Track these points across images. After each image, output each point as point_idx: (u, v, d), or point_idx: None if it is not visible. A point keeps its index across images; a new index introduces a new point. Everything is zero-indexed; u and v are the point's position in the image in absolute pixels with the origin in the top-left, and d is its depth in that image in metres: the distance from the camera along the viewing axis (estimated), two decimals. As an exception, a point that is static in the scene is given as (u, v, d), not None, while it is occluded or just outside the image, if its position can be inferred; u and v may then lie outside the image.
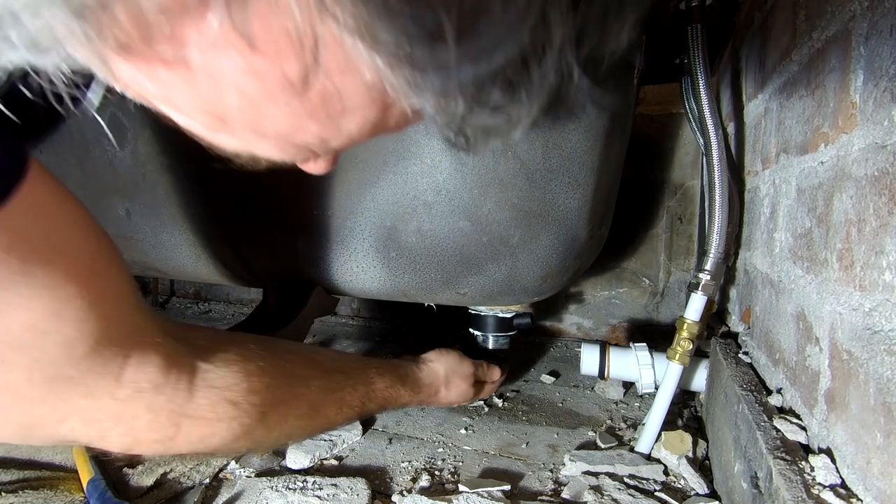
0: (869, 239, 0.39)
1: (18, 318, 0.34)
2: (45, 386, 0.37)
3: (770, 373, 0.61)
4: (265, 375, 0.51)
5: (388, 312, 1.46)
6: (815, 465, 0.43)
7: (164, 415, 0.43)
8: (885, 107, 0.37)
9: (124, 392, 0.41)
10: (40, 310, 0.34)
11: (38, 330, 0.35)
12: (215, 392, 0.47)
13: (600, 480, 0.64)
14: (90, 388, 0.39)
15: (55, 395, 0.38)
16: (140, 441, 0.43)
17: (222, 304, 1.66)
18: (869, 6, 0.40)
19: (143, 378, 0.42)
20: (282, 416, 0.53)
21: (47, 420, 0.38)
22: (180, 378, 0.44)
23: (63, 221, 0.37)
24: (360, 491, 0.62)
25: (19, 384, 0.36)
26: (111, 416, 0.41)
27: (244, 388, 0.49)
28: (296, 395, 0.55)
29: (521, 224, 0.70)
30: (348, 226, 0.73)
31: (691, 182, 1.16)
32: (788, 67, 0.59)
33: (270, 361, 0.53)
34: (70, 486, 0.62)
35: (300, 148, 0.22)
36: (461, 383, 0.79)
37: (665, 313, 1.21)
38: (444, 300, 0.83)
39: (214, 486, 0.64)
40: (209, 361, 0.48)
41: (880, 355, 0.36)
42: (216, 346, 0.50)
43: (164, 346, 0.44)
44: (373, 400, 0.66)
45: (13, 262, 0.32)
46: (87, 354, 0.38)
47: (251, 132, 0.21)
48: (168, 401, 0.43)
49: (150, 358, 0.43)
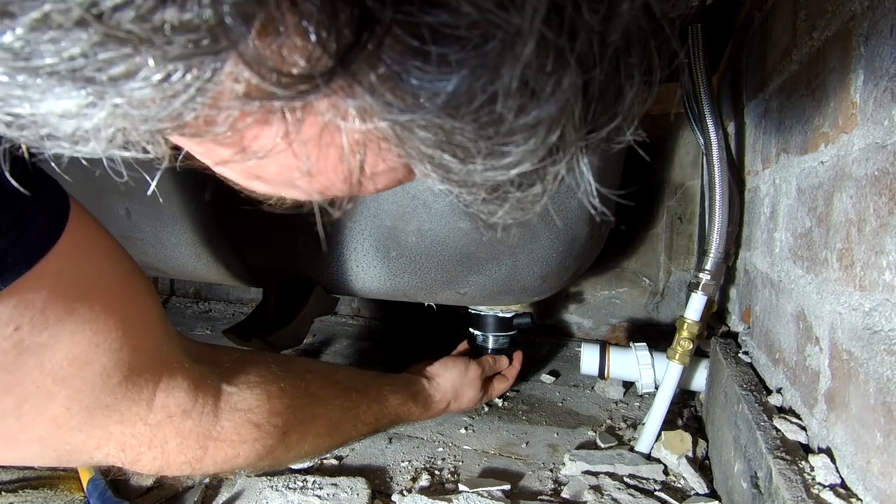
0: (869, 239, 0.39)
1: (63, 351, 0.36)
2: (84, 414, 0.39)
3: (770, 372, 0.61)
4: (286, 396, 0.53)
5: (388, 312, 1.46)
6: (814, 464, 0.43)
7: (192, 438, 0.45)
8: (886, 106, 0.37)
9: (156, 417, 0.43)
10: (82, 343, 0.36)
11: (80, 361, 0.37)
12: (239, 415, 0.49)
13: (600, 480, 0.64)
14: (124, 414, 0.41)
15: (92, 424, 0.39)
16: (170, 464, 0.45)
17: (222, 303, 1.66)
18: (869, 6, 0.40)
19: (172, 403, 0.44)
20: (302, 435, 0.55)
21: (84, 447, 0.40)
22: (206, 402, 0.46)
23: (98, 257, 0.39)
24: (359, 490, 0.62)
25: (60, 414, 0.37)
26: (144, 441, 0.43)
27: (266, 410, 0.51)
28: (315, 414, 0.57)
29: (521, 224, 0.70)
30: (348, 226, 0.73)
31: (691, 182, 1.15)
32: (788, 67, 0.59)
33: (290, 382, 0.55)
34: (70, 486, 0.62)
35: (328, 196, 0.24)
36: (468, 392, 0.80)
37: (665, 313, 1.21)
38: (444, 300, 0.83)
39: (214, 485, 0.64)
40: (233, 384, 0.50)
41: (880, 355, 0.36)
42: (239, 368, 0.52)
43: (190, 371, 0.46)
44: (386, 416, 0.67)
45: (59, 301, 0.35)
46: (121, 382, 0.40)
47: (283, 185, 0.22)
48: (196, 424, 0.45)
49: (178, 383, 0.45)
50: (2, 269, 0.31)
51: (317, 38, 0.14)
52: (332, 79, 0.15)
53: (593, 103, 0.19)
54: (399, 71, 0.15)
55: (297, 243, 0.78)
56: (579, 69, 0.17)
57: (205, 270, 0.89)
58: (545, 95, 0.17)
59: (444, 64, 0.15)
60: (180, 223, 0.82)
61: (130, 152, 0.18)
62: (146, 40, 0.13)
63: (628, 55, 0.18)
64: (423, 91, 0.16)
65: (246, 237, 0.82)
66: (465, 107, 0.16)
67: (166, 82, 0.14)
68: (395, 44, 0.15)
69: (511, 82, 0.16)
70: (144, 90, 0.14)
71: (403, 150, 0.18)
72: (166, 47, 0.14)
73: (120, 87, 0.14)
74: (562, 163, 0.20)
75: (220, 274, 0.89)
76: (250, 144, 0.18)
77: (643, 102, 0.20)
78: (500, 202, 0.23)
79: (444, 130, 0.17)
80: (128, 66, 0.14)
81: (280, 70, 0.15)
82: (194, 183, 0.78)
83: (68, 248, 0.35)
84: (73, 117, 0.15)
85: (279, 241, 0.79)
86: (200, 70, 0.14)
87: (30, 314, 0.33)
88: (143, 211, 0.82)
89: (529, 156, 0.18)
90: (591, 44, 0.17)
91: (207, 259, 0.86)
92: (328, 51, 0.15)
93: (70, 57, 0.13)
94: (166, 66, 0.14)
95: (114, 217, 0.83)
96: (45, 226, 0.34)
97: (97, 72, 0.14)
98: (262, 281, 0.90)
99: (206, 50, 0.14)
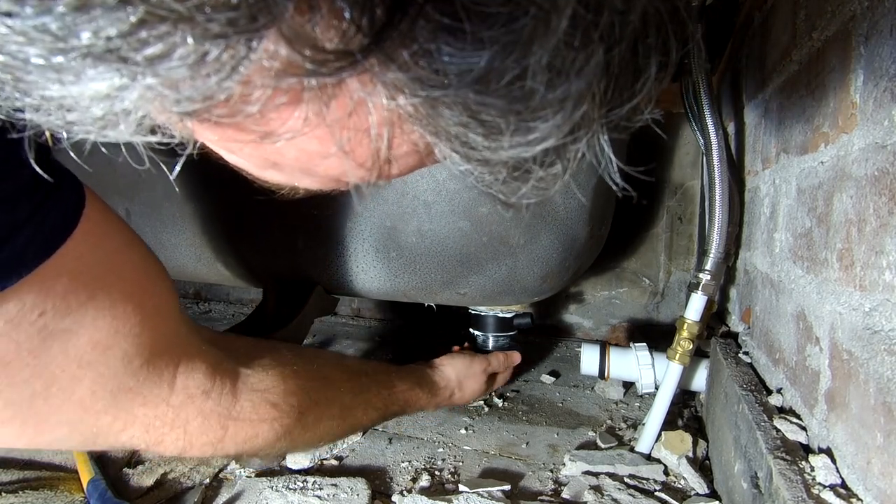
0: (869, 239, 0.39)
1: (86, 336, 0.37)
2: (109, 397, 0.40)
3: (770, 373, 0.61)
4: (300, 378, 0.54)
5: (388, 312, 1.46)
6: (815, 464, 0.43)
7: (213, 418, 0.46)
8: (886, 106, 0.37)
9: (177, 399, 0.44)
10: (104, 328, 0.37)
11: (102, 346, 0.38)
12: (257, 395, 0.50)
13: (600, 480, 0.64)
14: (147, 396, 0.42)
15: (117, 406, 0.41)
16: (193, 444, 0.46)
17: (222, 304, 1.66)
18: (869, 6, 0.40)
19: (192, 384, 0.45)
20: (317, 416, 0.56)
21: (111, 429, 0.41)
22: (224, 383, 0.47)
23: (115, 244, 0.40)
24: (360, 491, 0.62)
25: (86, 397, 0.38)
26: (167, 422, 0.44)
27: (282, 390, 0.52)
28: (328, 397, 0.58)
29: (521, 224, 0.70)
30: (348, 226, 0.73)
31: (691, 182, 1.15)
32: (788, 67, 0.59)
33: (303, 365, 0.56)
34: (70, 487, 0.62)
35: (343, 183, 0.23)
36: (472, 383, 0.81)
37: (665, 313, 1.21)
38: (444, 300, 0.83)
39: (214, 486, 0.64)
40: (249, 366, 0.51)
41: (880, 355, 0.36)
42: (253, 353, 0.53)
43: (208, 354, 0.47)
44: (395, 402, 0.68)
45: (80, 287, 0.36)
46: (142, 366, 0.41)
47: (300, 172, 0.22)
48: (216, 404, 0.46)
49: (196, 365, 0.46)
50: (24, 257, 0.32)
51: (351, 16, 0.15)
52: (366, 56, 0.16)
53: (613, 81, 0.19)
54: (431, 48, 0.16)
55: (298, 243, 0.78)
56: (603, 47, 0.17)
57: (205, 271, 0.89)
58: (574, 70, 0.17)
59: (476, 41, 0.15)
60: (180, 224, 0.82)
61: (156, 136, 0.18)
62: (188, 18, 0.13)
63: (646, 35, 0.19)
64: (455, 67, 0.16)
65: (246, 237, 0.82)
66: (496, 82, 0.16)
67: (202, 61, 0.14)
68: (427, 22, 0.15)
69: (542, 58, 0.16)
70: (180, 70, 0.14)
71: (431, 127, 0.18)
72: (207, 25, 0.14)
73: (155, 66, 0.14)
74: (583, 140, 0.20)
75: (220, 274, 0.89)
76: (277, 127, 0.18)
77: (660, 82, 0.21)
78: (523, 181, 0.23)
79: (472, 107, 0.17)
80: (165, 45, 0.14)
81: (316, 46, 0.15)
82: (195, 183, 0.78)
83: (85, 236, 0.36)
84: (104, 99, 0.15)
85: (279, 241, 0.79)
86: (237, 48, 0.14)
87: (52, 300, 0.34)
88: (144, 211, 0.82)
89: (556, 131, 0.19)
90: (613, 22, 0.17)
91: (207, 259, 0.86)
92: (362, 29, 0.15)
93: (108, 37, 0.13)
94: (204, 45, 0.14)
95: (114, 217, 0.83)
96: (63, 214, 0.35)
97: (133, 52, 0.14)
98: (262, 281, 0.90)
99: (245, 27, 0.14)
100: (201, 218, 0.81)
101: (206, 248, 0.84)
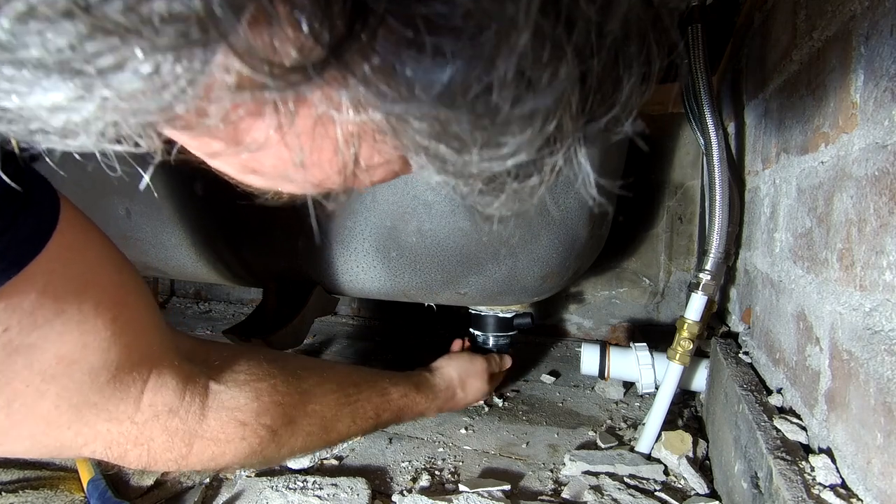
0: (869, 239, 0.39)
1: (52, 351, 0.36)
2: (72, 413, 0.39)
3: (770, 373, 0.61)
4: (276, 393, 0.53)
5: (388, 312, 1.46)
6: (815, 465, 0.43)
7: (178, 436, 0.45)
8: (886, 106, 0.36)
9: (142, 416, 0.43)
10: (70, 342, 0.36)
11: (68, 360, 0.37)
12: (226, 413, 0.49)
13: (600, 480, 0.64)
14: (112, 413, 0.41)
15: (81, 422, 0.40)
16: (156, 460, 0.45)
17: (222, 304, 1.66)
18: (869, 6, 0.40)
19: (159, 402, 0.44)
20: (292, 433, 0.55)
21: (73, 444, 0.40)
22: (193, 400, 0.47)
23: (91, 256, 0.39)
24: (360, 491, 0.62)
25: (49, 411, 0.37)
26: (130, 439, 0.43)
27: (254, 409, 0.51)
28: (307, 412, 0.57)
29: (521, 224, 0.70)
30: (348, 226, 0.73)
31: (691, 182, 1.15)
32: (788, 67, 0.59)
33: (282, 378, 0.55)
34: (70, 486, 0.62)
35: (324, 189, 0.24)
36: (476, 382, 0.80)
37: (665, 313, 1.21)
38: (444, 300, 0.83)
39: (214, 485, 0.64)
40: (221, 382, 0.50)
41: (880, 355, 0.36)
42: (229, 366, 0.52)
43: (180, 369, 0.46)
44: (388, 410, 0.67)
45: (49, 302, 0.35)
46: (109, 381, 0.40)
47: (280, 178, 0.22)
48: (182, 422, 0.46)
49: (166, 381, 0.45)
50: None
51: (309, 29, 0.14)
52: (324, 70, 0.15)
53: (591, 94, 0.19)
54: (393, 62, 0.15)
55: (297, 243, 0.78)
56: (577, 59, 0.17)
57: (205, 271, 0.89)
58: (541, 86, 0.17)
59: (438, 55, 0.15)
60: (180, 223, 0.82)
61: (123, 146, 0.18)
62: (134, 31, 0.13)
63: (627, 45, 0.18)
64: (418, 82, 0.16)
65: (246, 238, 0.82)
66: (461, 97, 0.16)
67: (156, 74, 0.14)
68: (389, 35, 0.15)
69: (506, 73, 0.16)
70: (134, 82, 0.14)
71: (399, 141, 0.18)
72: (155, 38, 0.13)
73: (108, 79, 0.14)
74: (559, 153, 0.20)
75: (220, 274, 0.89)
76: (244, 137, 0.18)
77: (642, 93, 0.20)
78: (497, 193, 0.22)
79: (439, 121, 0.17)
80: (116, 57, 0.14)
81: (271, 61, 0.15)
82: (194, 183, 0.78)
83: (59, 249, 0.35)
84: (62, 111, 0.15)
85: (279, 242, 0.79)
86: (190, 61, 0.14)
87: (18, 316, 0.33)
88: (143, 211, 0.82)
89: (526, 146, 0.18)
90: (588, 34, 0.17)
91: (207, 259, 0.86)
92: (321, 42, 0.15)
93: (57, 49, 0.13)
94: (155, 58, 0.14)
95: (114, 217, 0.83)
96: (35, 228, 0.34)
97: (85, 64, 0.14)
98: (262, 281, 0.90)
99: (195, 41, 0.14)
100: (202, 218, 0.81)
101: (206, 247, 0.84)
